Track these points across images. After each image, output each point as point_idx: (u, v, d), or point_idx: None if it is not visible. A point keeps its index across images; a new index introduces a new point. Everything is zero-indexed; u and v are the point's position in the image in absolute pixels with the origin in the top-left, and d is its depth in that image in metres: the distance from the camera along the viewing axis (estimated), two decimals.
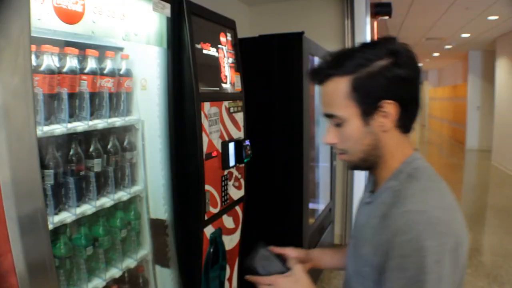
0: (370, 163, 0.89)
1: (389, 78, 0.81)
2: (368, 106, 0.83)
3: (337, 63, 0.85)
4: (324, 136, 0.91)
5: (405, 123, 0.86)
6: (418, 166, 0.86)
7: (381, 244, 0.79)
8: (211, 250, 1.76)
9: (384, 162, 0.88)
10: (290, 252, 1.14)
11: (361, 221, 0.94)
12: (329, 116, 0.88)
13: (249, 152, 1.97)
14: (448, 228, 0.76)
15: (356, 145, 0.87)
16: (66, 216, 1.28)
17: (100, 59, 1.47)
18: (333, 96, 0.85)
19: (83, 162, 1.41)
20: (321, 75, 0.87)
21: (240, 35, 2.12)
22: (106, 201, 1.46)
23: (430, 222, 0.75)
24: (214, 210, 1.77)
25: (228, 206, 1.90)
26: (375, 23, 4.87)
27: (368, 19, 3.83)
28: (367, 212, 0.92)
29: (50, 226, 1.19)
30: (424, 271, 0.73)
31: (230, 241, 1.96)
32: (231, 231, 1.96)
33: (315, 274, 2.87)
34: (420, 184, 0.82)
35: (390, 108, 0.82)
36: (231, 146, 1.85)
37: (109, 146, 1.55)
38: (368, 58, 0.82)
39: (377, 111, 0.83)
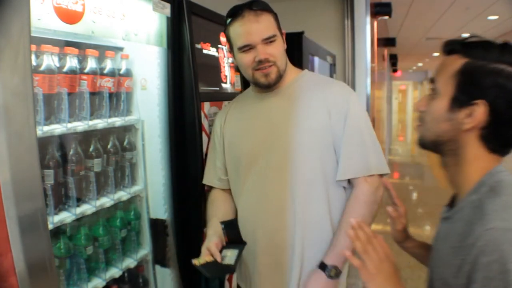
0: (440, 150, 0.85)
1: (499, 85, 0.76)
2: (461, 95, 0.79)
3: (469, 44, 0.82)
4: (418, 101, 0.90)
5: (492, 140, 0.79)
6: (501, 179, 0.78)
7: (462, 266, 0.73)
8: None
9: (461, 167, 0.83)
10: None
11: (440, 238, 0.88)
12: (432, 81, 0.86)
13: None
14: None
15: (432, 123, 0.84)
16: (66, 216, 1.28)
17: (100, 59, 1.46)
18: (445, 68, 0.84)
19: (83, 162, 1.41)
20: (450, 46, 0.85)
21: None
22: (106, 201, 1.46)
23: None
24: None
25: None
26: (375, 23, 4.88)
27: (368, 19, 3.84)
28: (445, 230, 0.85)
29: (50, 226, 1.19)
30: None
31: None
32: None
33: None
34: (502, 199, 0.74)
35: (479, 111, 0.77)
36: None
37: (109, 146, 1.55)
38: (494, 57, 0.78)
39: (466, 105, 0.78)
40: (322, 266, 1.23)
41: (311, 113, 1.28)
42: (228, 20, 1.28)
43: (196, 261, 1.20)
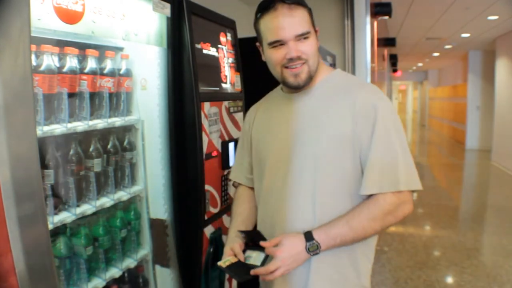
0: None
1: None
2: None
3: None
4: None
5: None
6: None
7: None
8: (211, 250, 1.76)
9: None
10: None
11: None
12: None
13: None
14: None
15: None
16: (66, 216, 1.28)
17: (100, 59, 1.47)
18: None
19: (83, 162, 1.41)
20: None
21: (240, 35, 2.12)
22: (106, 201, 1.46)
23: None
24: (214, 210, 1.77)
25: (228, 206, 1.90)
26: (375, 23, 4.88)
27: (368, 19, 3.83)
28: None
29: (50, 226, 1.19)
30: None
31: None
32: None
33: None
34: None
35: None
36: (231, 146, 1.85)
37: (109, 146, 1.55)
38: None
39: None
40: (308, 237, 1.12)
41: (337, 119, 1.18)
42: (259, 14, 1.18)
43: (221, 263, 1.15)
